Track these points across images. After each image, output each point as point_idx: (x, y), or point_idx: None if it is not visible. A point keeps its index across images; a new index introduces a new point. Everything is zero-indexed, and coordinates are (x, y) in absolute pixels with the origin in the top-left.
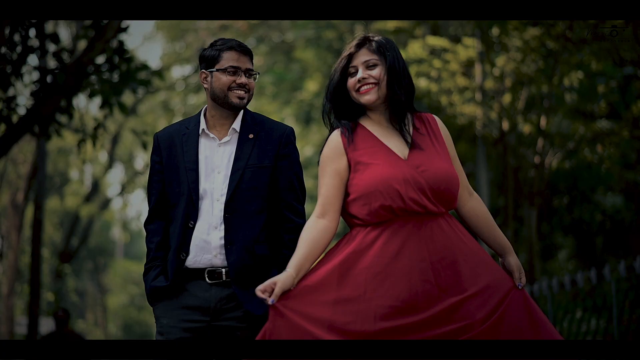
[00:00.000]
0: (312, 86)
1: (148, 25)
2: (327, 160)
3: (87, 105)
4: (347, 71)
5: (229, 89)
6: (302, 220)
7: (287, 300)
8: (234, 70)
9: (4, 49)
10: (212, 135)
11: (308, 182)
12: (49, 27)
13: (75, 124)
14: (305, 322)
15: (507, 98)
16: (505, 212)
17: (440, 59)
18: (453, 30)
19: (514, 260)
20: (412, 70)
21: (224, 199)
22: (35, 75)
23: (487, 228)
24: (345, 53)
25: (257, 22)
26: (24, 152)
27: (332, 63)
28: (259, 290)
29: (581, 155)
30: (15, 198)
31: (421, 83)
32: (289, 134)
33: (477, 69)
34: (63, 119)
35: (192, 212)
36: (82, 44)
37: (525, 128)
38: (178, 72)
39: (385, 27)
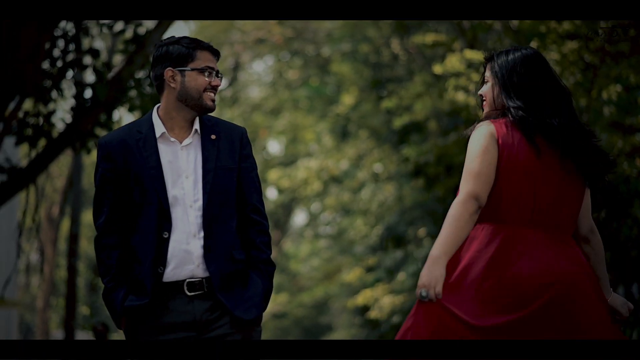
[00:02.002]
0: (349, 100)
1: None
2: None
3: (121, 119)
4: None
5: (204, 90)
6: (267, 221)
7: None
8: (210, 72)
9: (44, 64)
10: (172, 138)
11: (344, 196)
12: (85, 41)
13: None
14: None
15: None
16: None
17: (478, 72)
18: (491, 43)
19: None
20: (450, 84)
21: (198, 204)
22: (74, 90)
23: None
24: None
25: (293, 35)
26: (60, 166)
27: (368, 77)
28: None
29: (620, 168)
30: (50, 212)
31: (459, 97)
32: (245, 133)
33: None
34: (103, 133)
35: (164, 222)
36: (117, 58)
37: None
38: None
39: (424, 41)
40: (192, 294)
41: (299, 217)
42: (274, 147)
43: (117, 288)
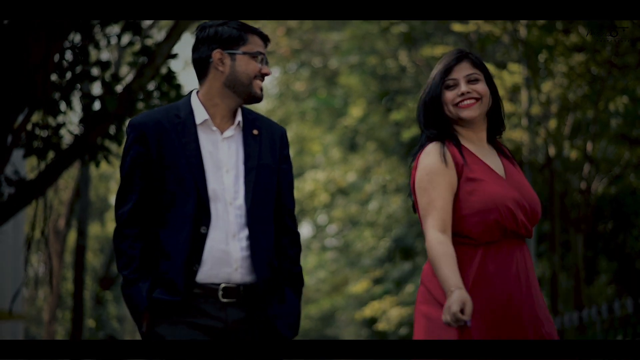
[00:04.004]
0: (356, 112)
1: (189, 49)
2: (440, 171)
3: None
4: (444, 84)
5: (255, 77)
6: (298, 230)
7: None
8: (262, 58)
9: (53, 76)
10: (214, 127)
11: (351, 209)
12: (93, 53)
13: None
14: None
15: (553, 124)
16: (552, 238)
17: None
18: (500, 56)
19: None
20: None
21: (238, 202)
22: (82, 102)
23: None
24: (442, 66)
25: (300, 47)
26: (66, 178)
27: (376, 89)
28: (455, 314)
29: (627, 180)
30: (56, 224)
31: None
32: (286, 133)
33: (523, 95)
34: (113, 146)
35: (204, 217)
36: (124, 70)
37: (572, 154)
38: None
39: (432, 53)
40: (226, 300)
41: (306, 229)
42: None
43: (140, 280)
